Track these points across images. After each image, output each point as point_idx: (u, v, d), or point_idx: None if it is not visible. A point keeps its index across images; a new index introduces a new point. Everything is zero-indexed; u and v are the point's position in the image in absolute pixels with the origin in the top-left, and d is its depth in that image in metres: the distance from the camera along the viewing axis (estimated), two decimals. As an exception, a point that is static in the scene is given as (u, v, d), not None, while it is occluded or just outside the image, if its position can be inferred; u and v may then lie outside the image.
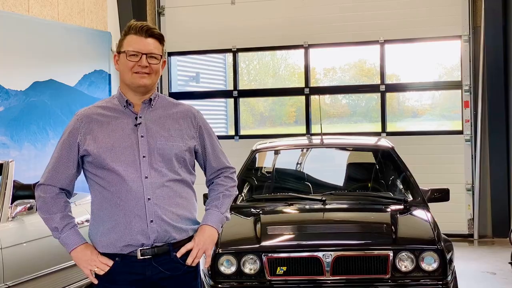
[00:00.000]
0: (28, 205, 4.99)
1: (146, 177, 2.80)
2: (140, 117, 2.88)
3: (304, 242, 4.77)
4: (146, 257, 2.80)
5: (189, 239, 2.89)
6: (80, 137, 2.85)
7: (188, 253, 2.87)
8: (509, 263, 6.47)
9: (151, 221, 2.78)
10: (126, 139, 2.83)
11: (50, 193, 2.89)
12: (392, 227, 4.80)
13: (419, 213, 5.23)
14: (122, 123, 2.86)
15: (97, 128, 2.85)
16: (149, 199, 2.78)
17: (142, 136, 2.84)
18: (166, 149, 2.85)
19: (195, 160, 3.03)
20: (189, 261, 2.86)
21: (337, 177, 6.33)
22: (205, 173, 3.10)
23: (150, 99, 2.91)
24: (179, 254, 2.85)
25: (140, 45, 2.83)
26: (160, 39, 2.90)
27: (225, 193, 3.03)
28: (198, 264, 2.94)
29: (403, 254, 4.51)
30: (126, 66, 2.85)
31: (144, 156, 2.81)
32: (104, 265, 2.80)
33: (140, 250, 2.79)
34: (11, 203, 4.93)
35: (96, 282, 2.85)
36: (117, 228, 2.79)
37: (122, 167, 2.79)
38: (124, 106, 2.89)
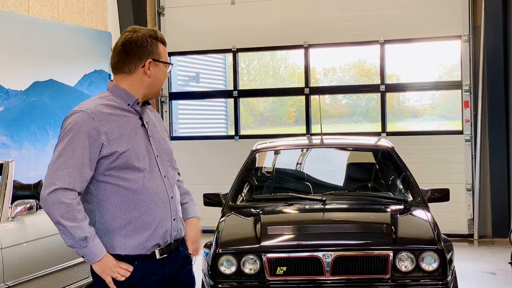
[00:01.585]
0: (28, 205, 4.99)
1: (165, 176, 2.84)
2: (143, 118, 2.88)
3: (304, 242, 4.77)
4: (163, 256, 2.83)
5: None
6: (104, 137, 2.69)
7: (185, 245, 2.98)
8: (509, 263, 6.47)
9: (174, 219, 2.84)
10: (142, 139, 2.82)
11: (74, 198, 2.65)
12: (392, 227, 4.80)
13: (419, 213, 5.22)
14: (133, 122, 2.82)
15: (116, 128, 2.74)
16: (172, 197, 2.84)
17: (150, 136, 2.86)
18: (169, 149, 2.93)
19: None
20: (195, 252, 3.00)
21: (337, 177, 6.33)
22: None
23: (148, 102, 2.95)
24: (194, 250, 2.99)
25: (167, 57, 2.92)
26: None
27: (187, 188, 3.17)
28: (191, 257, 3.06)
29: (403, 254, 4.51)
30: (164, 76, 2.89)
31: (157, 156, 2.84)
32: (125, 271, 2.75)
33: (159, 250, 2.81)
34: (11, 203, 4.93)
35: None
36: (146, 228, 2.76)
37: (147, 166, 2.78)
38: (129, 105, 2.83)
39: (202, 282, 4.82)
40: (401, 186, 5.82)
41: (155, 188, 2.78)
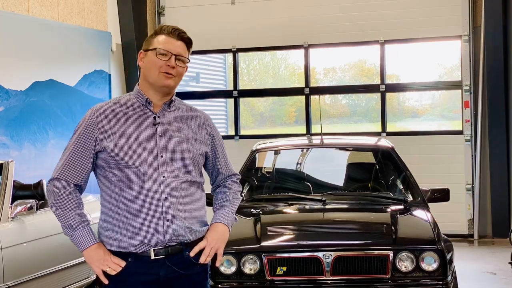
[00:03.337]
0: (28, 205, 4.98)
1: (164, 177, 2.80)
2: (159, 117, 2.88)
3: (304, 242, 4.77)
4: (159, 257, 2.79)
5: (201, 239, 2.90)
6: (98, 132, 2.82)
7: (200, 252, 2.88)
8: (509, 263, 6.47)
9: (167, 220, 2.79)
10: (145, 138, 2.83)
11: (64, 188, 2.82)
12: (392, 227, 4.80)
13: (419, 213, 5.22)
14: (141, 121, 2.86)
15: (116, 125, 2.83)
16: (166, 198, 2.79)
17: (160, 136, 2.85)
18: (183, 151, 2.87)
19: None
20: (202, 259, 2.88)
21: (337, 177, 6.33)
22: (212, 179, 3.14)
23: (171, 101, 2.93)
24: (192, 253, 2.85)
25: (171, 45, 2.86)
26: (189, 44, 2.96)
27: (234, 195, 3.09)
28: (208, 263, 2.96)
29: (403, 254, 4.51)
30: (154, 64, 2.85)
31: (162, 156, 2.82)
32: (116, 265, 2.78)
33: (154, 250, 2.79)
34: (11, 203, 4.93)
35: (106, 282, 2.82)
36: (133, 226, 2.78)
37: (141, 165, 2.79)
38: (143, 105, 2.88)
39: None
40: (401, 186, 5.83)
41: (145, 187, 2.78)
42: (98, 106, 2.91)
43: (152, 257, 2.79)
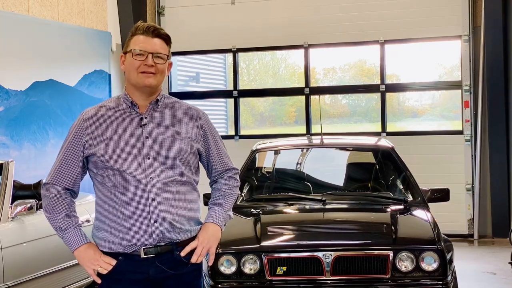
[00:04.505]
0: (28, 205, 4.99)
1: (151, 178, 2.81)
2: (146, 118, 2.88)
3: (304, 242, 4.77)
4: (149, 256, 2.80)
5: (193, 238, 2.91)
6: (85, 138, 2.85)
7: (192, 251, 2.88)
8: (509, 263, 6.47)
9: (155, 221, 2.79)
10: (131, 140, 2.84)
11: (54, 192, 2.88)
12: (392, 227, 4.80)
13: (419, 213, 5.23)
14: (127, 124, 2.86)
15: (103, 129, 2.85)
16: (153, 199, 2.80)
17: (147, 137, 2.85)
18: (170, 151, 2.86)
19: (199, 162, 3.03)
20: (193, 259, 2.88)
21: (337, 177, 6.33)
22: (208, 175, 3.12)
23: (157, 100, 2.91)
24: (183, 253, 2.86)
25: (147, 44, 2.83)
26: (167, 39, 2.91)
27: (228, 192, 3.05)
28: (201, 262, 2.96)
29: (403, 254, 4.51)
30: (132, 65, 2.84)
31: (148, 158, 2.83)
32: (107, 265, 2.81)
33: (143, 249, 2.80)
34: (11, 203, 4.93)
35: (99, 281, 2.85)
36: (121, 228, 2.80)
37: (127, 168, 2.79)
38: (129, 107, 2.89)
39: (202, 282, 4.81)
40: (401, 186, 5.83)
41: (132, 190, 2.79)
42: (87, 111, 2.94)
43: (142, 255, 2.80)
